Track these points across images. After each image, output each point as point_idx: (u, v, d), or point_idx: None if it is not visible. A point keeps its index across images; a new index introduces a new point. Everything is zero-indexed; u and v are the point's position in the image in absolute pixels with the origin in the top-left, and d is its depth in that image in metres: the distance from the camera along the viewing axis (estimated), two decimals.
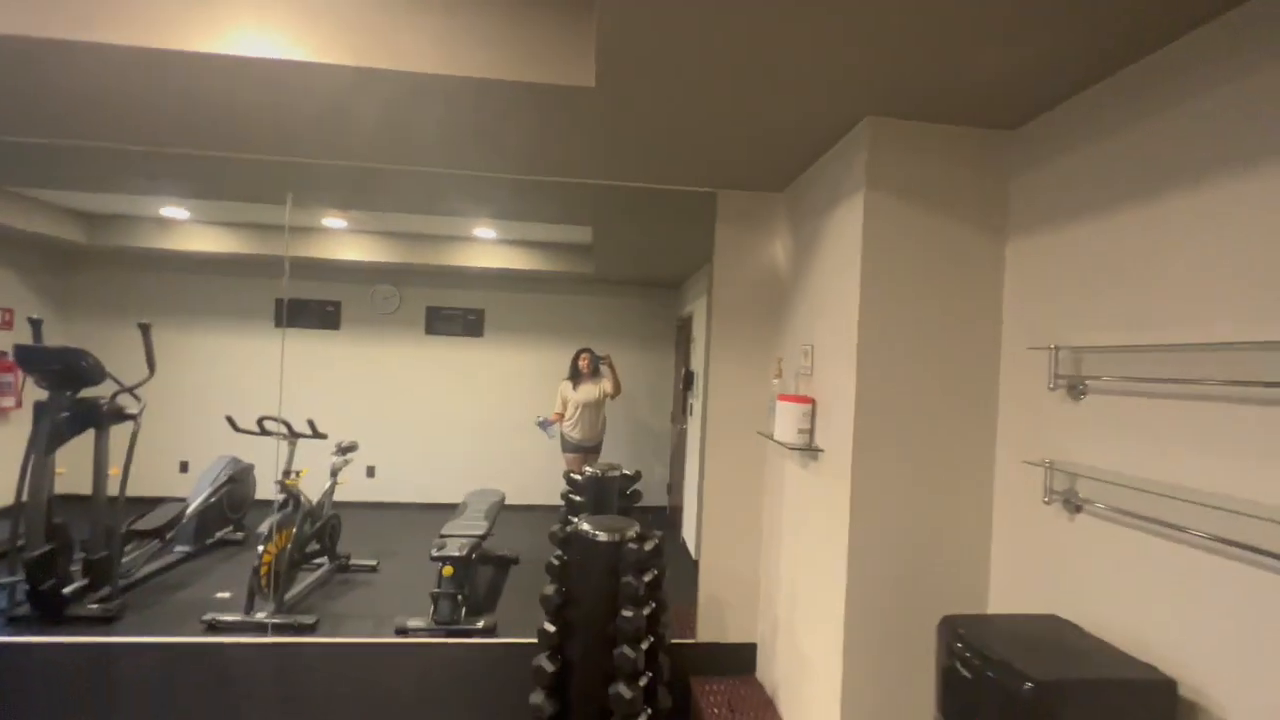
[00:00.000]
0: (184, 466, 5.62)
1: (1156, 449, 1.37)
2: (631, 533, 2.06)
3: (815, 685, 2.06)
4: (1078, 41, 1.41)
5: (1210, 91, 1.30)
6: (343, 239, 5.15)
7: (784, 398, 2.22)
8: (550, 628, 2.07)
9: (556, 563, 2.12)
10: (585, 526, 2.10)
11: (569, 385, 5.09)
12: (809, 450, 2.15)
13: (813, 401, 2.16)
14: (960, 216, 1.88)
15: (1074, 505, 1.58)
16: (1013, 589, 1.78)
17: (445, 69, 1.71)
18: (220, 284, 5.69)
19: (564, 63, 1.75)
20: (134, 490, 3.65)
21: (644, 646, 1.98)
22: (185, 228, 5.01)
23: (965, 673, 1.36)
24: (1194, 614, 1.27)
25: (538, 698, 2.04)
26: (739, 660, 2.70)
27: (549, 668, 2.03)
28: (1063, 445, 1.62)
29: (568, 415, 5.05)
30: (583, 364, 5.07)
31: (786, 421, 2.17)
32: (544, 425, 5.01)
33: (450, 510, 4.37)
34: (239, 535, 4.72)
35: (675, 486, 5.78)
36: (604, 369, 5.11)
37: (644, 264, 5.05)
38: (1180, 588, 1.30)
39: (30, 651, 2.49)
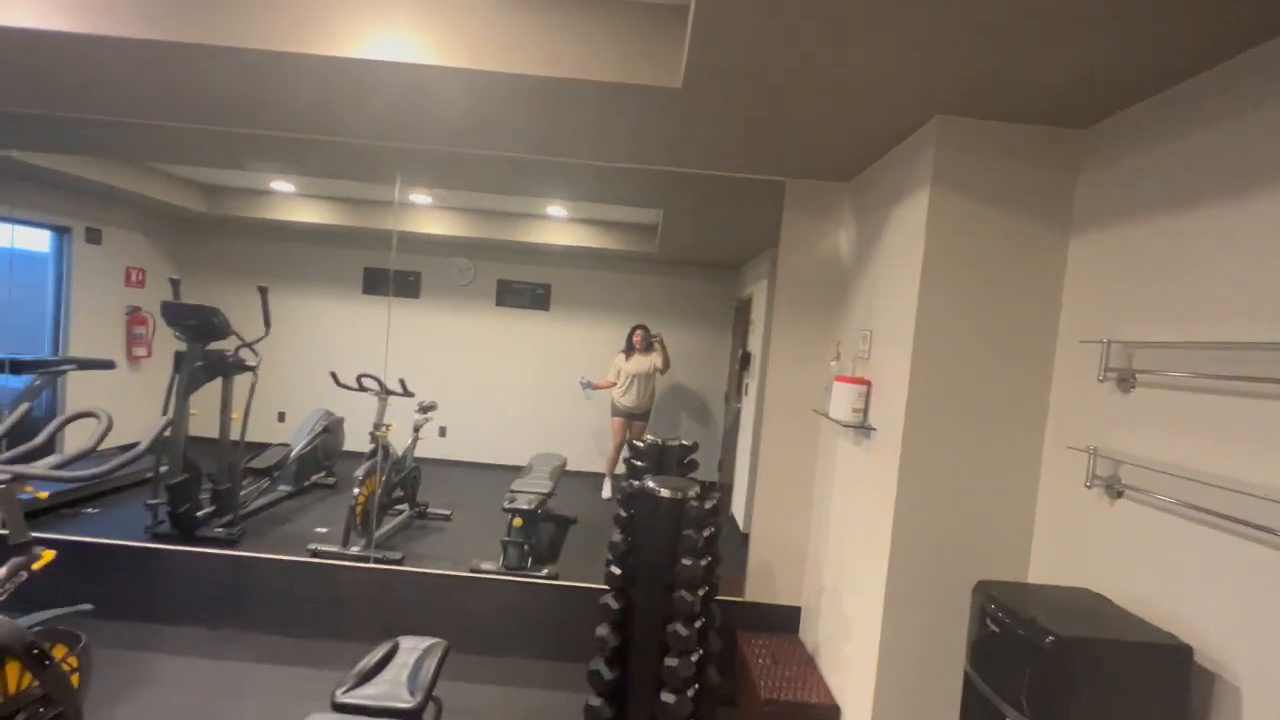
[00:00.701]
0: (281, 416, 6.24)
1: (1200, 441, 1.46)
2: (693, 492, 2.28)
3: (854, 644, 2.25)
4: (1157, 44, 1.45)
5: None
6: (426, 214, 5.53)
7: (841, 379, 2.37)
8: (616, 571, 2.33)
9: (624, 515, 2.38)
10: (651, 484, 2.33)
11: (622, 357, 5.54)
12: (862, 429, 2.30)
13: (868, 383, 2.30)
14: (1025, 212, 1.96)
15: (1115, 490, 1.68)
16: (1050, 565, 1.90)
17: (551, 71, 1.92)
18: (316, 252, 6.23)
19: (654, 65, 1.94)
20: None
21: (700, 593, 2.21)
22: (290, 200, 5.51)
23: (995, 629, 1.52)
24: (1218, 591, 1.38)
25: (604, 630, 2.31)
26: (783, 620, 2.91)
27: (615, 605, 2.30)
28: (1108, 434, 1.72)
29: (620, 384, 5.47)
30: (636, 339, 5.54)
31: (842, 401, 2.33)
32: (585, 385, 5.60)
33: (514, 471, 4.74)
34: (331, 480, 5.26)
35: (726, 464, 5.97)
36: (656, 345, 5.48)
37: (707, 246, 5.20)
38: (1208, 567, 1.41)
39: (186, 558, 2.99)
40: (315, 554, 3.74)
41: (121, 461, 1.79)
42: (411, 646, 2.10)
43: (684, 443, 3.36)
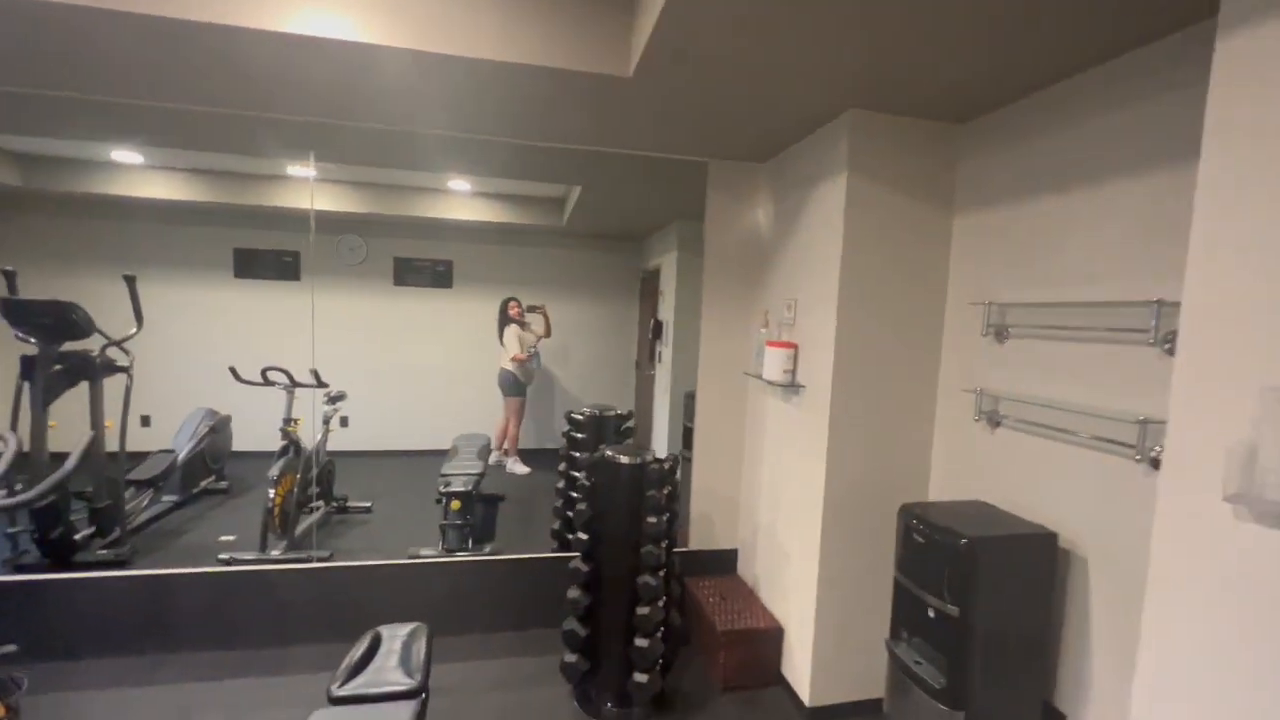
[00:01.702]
0: (145, 420, 5.51)
1: (1053, 378, 1.90)
2: (650, 456, 2.47)
3: (794, 571, 2.60)
4: (1020, 58, 1.80)
5: (1113, 111, 1.75)
6: (307, 189, 5.06)
7: (772, 344, 2.66)
8: (584, 536, 2.48)
9: (587, 484, 2.52)
10: (609, 453, 2.49)
11: (516, 329, 5.64)
12: (791, 386, 2.61)
13: (795, 346, 2.61)
14: (919, 196, 2.33)
15: (995, 421, 2.12)
16: (948, 484, 2.35)
17: (501, 56, 1.92)
18: (173, 233, 5.48)
19: (602, 54, 2.01)
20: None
21: (662, 545, 2.44)
22: (136, 173, 4.78)
23: (919, 539, 1.89)
24: (1068, 489, 1.83)
25: (575, 592, 2.47)
26: (722, 563, 3.24)
27: (585, 568, 2.46)
28: (989, 377, 2.15)
29: (526, 358, 5.63)
30: (515, 311, 5.64)
31: (774, 364, 2.62)
32: (532, 355, 5.72)
33: (426, 456, 4.63)
34: (223, 485, 4.81)
35: (641, 428, 6.26)
36: (540, 315, 5.75)
37: (617, 220, 5.31)
38: (1062, 473, 1.86)
39: (84, 586, 2.67)
40: (230, 563, 3.48)
41: (54, 482, 1.62)
42: (393, 634, 2.11)
43: (619, 412, 3.56)
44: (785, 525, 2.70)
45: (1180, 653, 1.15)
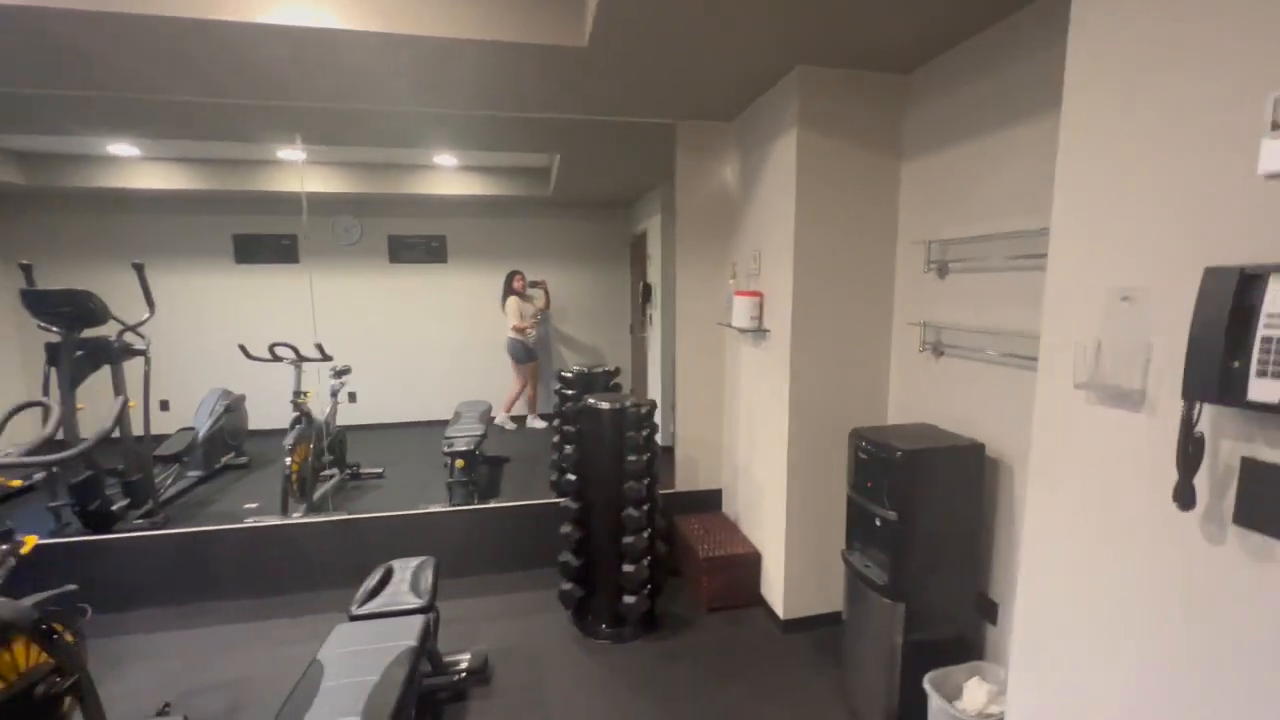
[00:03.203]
0: (165, 405, 5.79)
1: (984, 306, 2.08)
2: (629, 402, 2.69)
3: (768, 500, 2.84)
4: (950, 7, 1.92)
5: (1030, 56, 1.89)
6: (299, 171, 5.21)
7: (739, 293, 2.84)
8: (572, 477, 2.72)
9: (572, 429, 2.75)
10: (591, 401, 2.71)
11: (519, 301, 5.96)
12: (759, 332, 2.81)
13: (761, 295, 2.79)
14: (868, 144, 2.47)
15: (939, 350, 2.31)
16: (902, 412, 2.56)
17: (456, 34, 2.07)
18: (172, 223, 5.66)
19: (555, 26, 2.15)
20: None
21: (644, 482, 2.67)
22: (134, 165, 4.93)
23: (865, 457, 2.10)
24: (996, 404, 2.03)
25: (567, 528, 2.72)
26: (708, 502, 3.49)
27: (574, 505, 2.71)
28: (933, 310, 2.33)
29: (532, 326, 5.99)
30: (518, 284, 6.03)
31: (742, 311, 2.81)
32: (535, 324, 6.08)
33: (432, 426, 4.88)
34: (243, 460, 5.10)
35: (639, 388, 6.49)
36: (536, 291, 6.17)
37: (601, 186, 5.43)
38: (991, 392, 2.05)
39: (129, 545, 2.96)
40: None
41: (97, 439, 1.86)
42: (404, 566, 2.37)
43: (608, 369, 3.77)
44: (760, 461, 2.93)
45: (1049, 524, 1.36)
